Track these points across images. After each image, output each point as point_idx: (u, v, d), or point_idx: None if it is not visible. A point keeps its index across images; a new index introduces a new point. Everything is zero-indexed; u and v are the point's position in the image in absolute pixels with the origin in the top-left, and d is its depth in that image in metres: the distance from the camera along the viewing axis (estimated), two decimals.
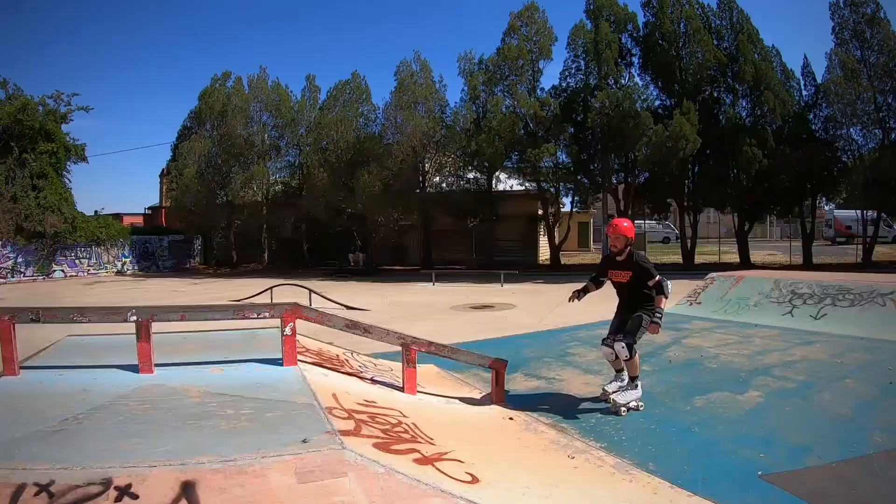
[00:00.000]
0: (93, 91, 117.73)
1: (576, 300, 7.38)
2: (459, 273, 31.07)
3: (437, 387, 7.24)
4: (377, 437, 4.58)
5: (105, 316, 5.69)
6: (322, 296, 18.63)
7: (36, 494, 3.44)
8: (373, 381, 6.64)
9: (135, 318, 5.52)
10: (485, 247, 37.85)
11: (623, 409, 6.72)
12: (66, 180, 37.21)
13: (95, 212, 42.93)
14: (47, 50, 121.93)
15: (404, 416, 5.43)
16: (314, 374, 5.89)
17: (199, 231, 43.84)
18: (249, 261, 41.29)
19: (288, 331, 5.88)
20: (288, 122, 39.37)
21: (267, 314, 6.05)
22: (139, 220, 52.23)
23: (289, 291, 19.03)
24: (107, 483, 3.51)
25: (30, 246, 33.89)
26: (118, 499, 3.45)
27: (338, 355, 7.42)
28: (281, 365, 5.86)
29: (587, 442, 5.73)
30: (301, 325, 6.15)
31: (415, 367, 6.58)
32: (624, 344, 6.70)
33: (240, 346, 6.75)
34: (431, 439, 4.95)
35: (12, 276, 33.48)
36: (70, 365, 5.80)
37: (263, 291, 19.77)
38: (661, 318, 6.86)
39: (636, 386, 6.96)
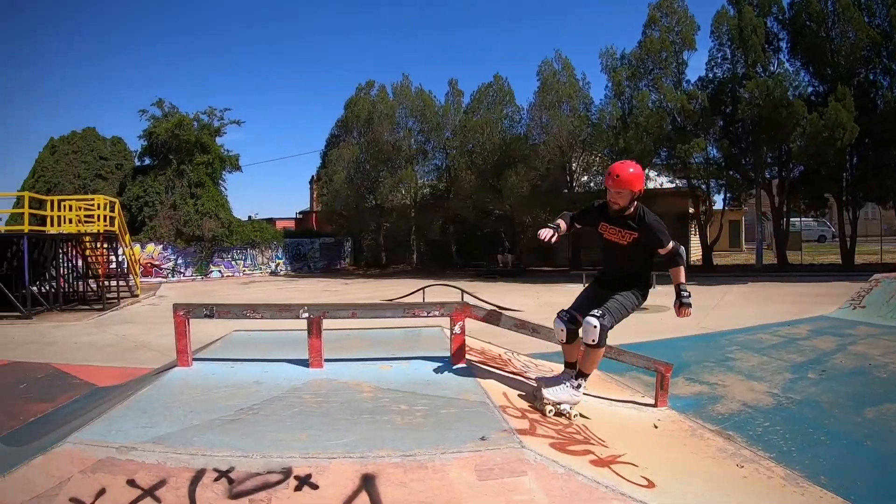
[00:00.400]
0: (244, 106, 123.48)
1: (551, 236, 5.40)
2: None
3: (599, 389, 6.99)
4: (552, 437, 4.42)
5: (277, 312, 5.77)
6: (474, 296, 18.53)
7: (216, 480, 3.52)
8: (536, 380, 6.49)
9: (307, 314, 5.56)
10: None
11: (550, 407, 5.16)
12: (222, 188, 39.70)
13: (249, 217, 45.08)
14: (202, 71, 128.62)
15: (573, 416, 5.26)
16: (481, 372, 5.78)
17: (349, 233, 45.26)
18: (398, 262, 42.11)
19: (457, 329, 5.78)
20: (433, 127, 39.76)
21: (437, 312, 5.97)
22: (291, 224, 54.15)
23: (439, 292, 19.10)
24: (287, 472, 3.55)
25: (189, 248, 36.41)
26: (298, 488, 3.47)
27: (500, 354, 7.29)
28: (449, 363, 5.77)
29: (755, 451, 5.37)
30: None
31: None
32: (599, 324, 4.98)
33: (403, 344, 6.74)
34: (603, 441, 4.74)
35: (173, 276, 35.95)
36: (240, 358, 5.98)
37: (415, 291, 19.86)
38: (689, 298, 5.26)
39: (578, 387, 5.33)
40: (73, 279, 24.38)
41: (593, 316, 5.01)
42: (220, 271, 38.26)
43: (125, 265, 25.91)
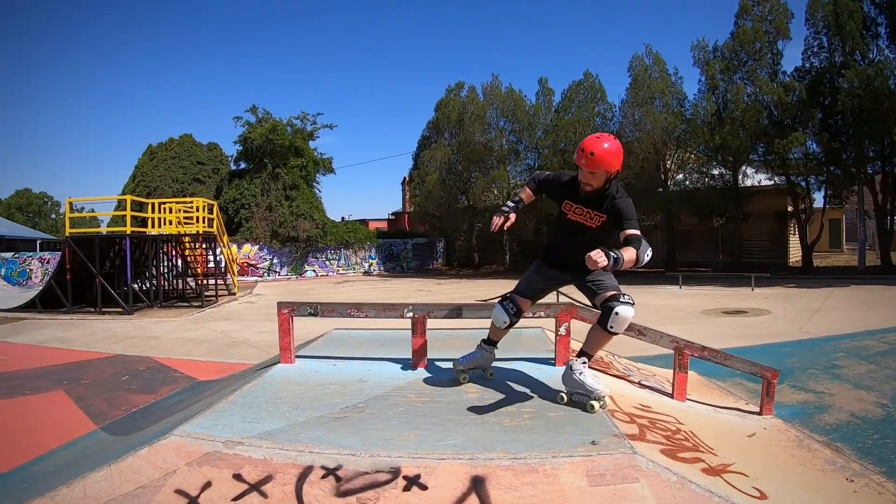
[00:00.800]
0: (336, 110, 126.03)
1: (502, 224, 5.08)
2: (706, 276, 29.59)
3: (701, 394, 6.76)
4: (662, 444, 4.25)
5: (381, 311, 5.78)
6: (569, 297, 18.24)
7: (323, 477, 3.49)
8: (641, 384, 6.27)
9: (411, 314, 5.56)
10: (731, 247, 35.52)
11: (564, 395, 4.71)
12: (316, 190, 40.35)
13: (343, 218, 45.59)
14: (294, 76, 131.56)
15: (680, 423, 5.04)
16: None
17: (441, 234, 45.40)
18: (490, 262, 42.08)
19: (563, 331, 5.66)
20: (525, 126, 39.24)
21: (542, 313, 5.83)
22: (383, 225, 54.82)
23: None
24: (395, 472, 3.49)
25: (284, 249, 37.17)
26: (406, 488, 3.41)
27: (602, 357, 7.10)
28: (553, 364, 5.68)
29: (865, 465, 5.02)
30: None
31: (686, 373, 6.13)
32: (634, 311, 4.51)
33: (505, 345, 6.60)
34: (712, 449, 4.54)
35: (268, 275, 36.83)
36: (342, 356, 6.00)
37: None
38: (619, 263, 4.05)
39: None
40: (173, 277, 25.31)
41: (630, 303, 4.51)
42: (314, 271, 39.00)
43: (223, 264, 26.61)
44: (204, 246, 24.38)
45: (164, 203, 23.42)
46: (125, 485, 3.79)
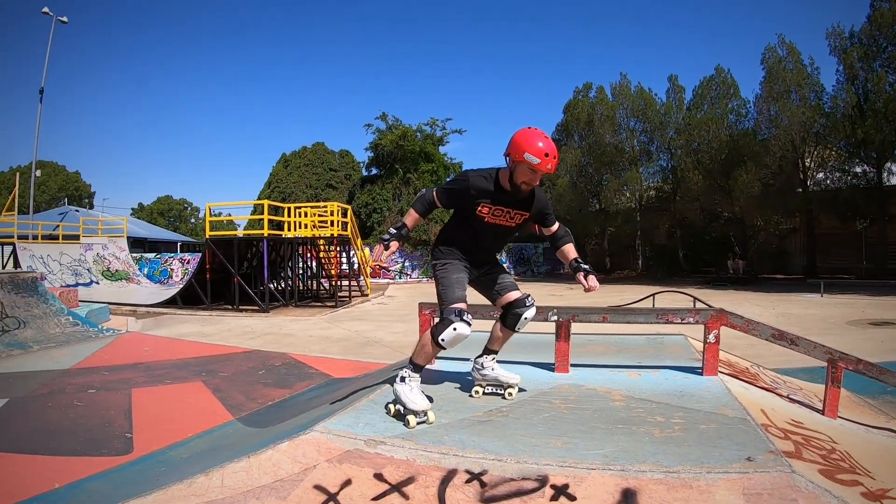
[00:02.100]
0: (465, 115, 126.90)
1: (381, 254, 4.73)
2: (849, 283, 28.00)
3: (852, 412, 6.27)
4: (819, 463, 3.91)
5: None
6: (706, 304, 17.63)
7: (467, 482, 3.39)
8: (790, 399, 5.87)
9: (555, 317, 5.43)
10: (875, 252, 33.02)
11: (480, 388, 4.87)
12: None
13: None
14: (423, 83, 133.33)
15: (834, 442, 4.66)
16: (735, 386, 5.31)
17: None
18: (622, 267, 41.30)
19: (712, 338, 5.35)
20: (656, 126, 38.34)
21: (691, 319, 5.55)
22: None
23: (669, 299, 18.31)
24: (542, 480, 3.32)
25: (416, 252, 37.48)
26: (554, 497, 3.24)
27: (747, 368, 6.77)
28: (700, 374, 5.39)
29: None
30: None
31: (839, 388, 5.68)
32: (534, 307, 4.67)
33: (647, 352, 6.43)
34: (869, 472, 4.16)
35: (399, 277, 37.52)
36: None
37: (644, 298, 19.12)
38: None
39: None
40: (307, 278, 25.95)
41: (534, 305, 4.74)
42: None
43: (356, 266, 27.03)
44: (338, 248, 24.87)
45: (300, 207, 24.03)
46: (263, 477, 3.81)
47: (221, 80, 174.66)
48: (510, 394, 4.74)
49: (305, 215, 24.06)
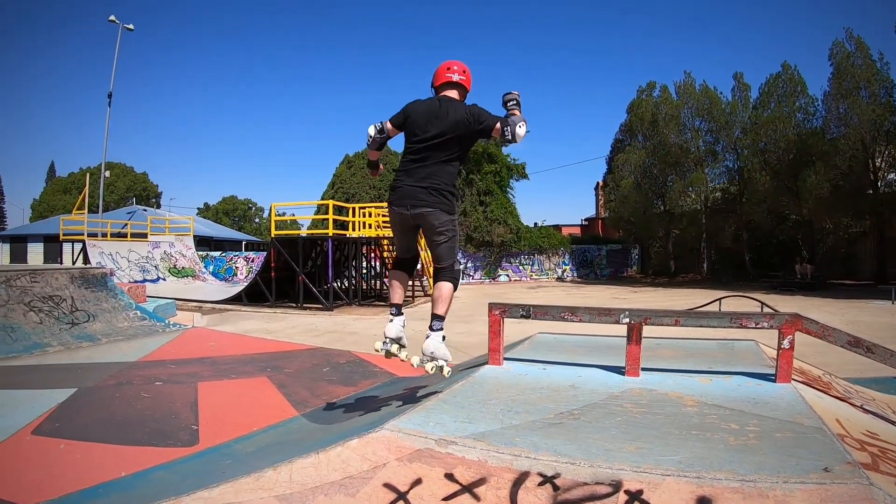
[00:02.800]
0: (528, 115, 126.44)
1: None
2: None
3: None
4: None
5: (596, 316, 5.54)
6: (773, 309, 17.25)
7: (540, 484, 3.33)
8: (863, 409, 5.68)
9: (627, 320, 5.30)
10: None
11: (431, 364, 5.20)
12: (510, 196, 40.28)
13: (535, 223, 45.51)
14: (486, 82, 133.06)
15: None
16: (810, 394, 5.14)
17: (636, 240, 44.35)
18: (687, 271, 40.58)
19: (786, 344, 5.17)
20: (722, 126, 37.59)
21: (765, 324, 5.39)
22: (576, 231, 54.57)
23: (735, 303, 17.95)
24: (616, 485, 3.25)
25: (478, 253, 37.36)
26: (628, 503, 3.17)
27: (819, 376, 6.57)
28: (773, 381, 5.22)
29: None
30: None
31: None
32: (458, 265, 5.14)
33: (717, 357, 6.29)
34: None
35: (462, 278, 36.91)
36: (550, 360, 5.82)
37: (710, 303, 18.76)
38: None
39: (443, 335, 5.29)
40: (370, 278, 26.03)
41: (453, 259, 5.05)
42: (507, 275, 39.31)
43: (419, 267, 27.08)
44: None
45: (364, 207, 24.18)
46: (332, 474, 3.82)
47: (285, 82, 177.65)
48: (441, 369, 5.17)
49: (370, 215, 24.21)
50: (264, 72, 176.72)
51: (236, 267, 38.89)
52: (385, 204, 20.72)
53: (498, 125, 4.76)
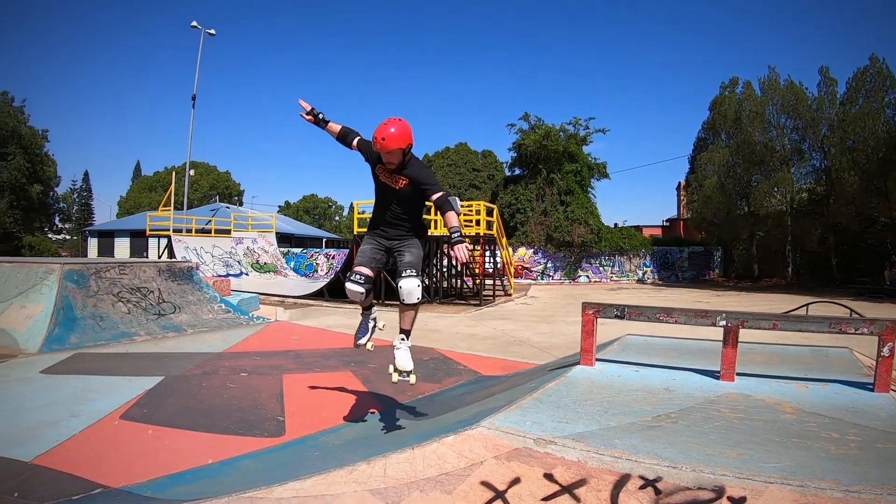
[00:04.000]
0: (609, 114, 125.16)
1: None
2: None
3: None
4: None
5: (692, 318, 5.45)
6: (861, 316, 16.52)
7: (641, 488, 3.31)
8: None
9: (724, 322, 5.18)
10: None
11: (399, 376, 5.65)
12: (590, 195, 39.75)
13: (616, 224, 44.93)
14: (564, 82, 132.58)
15: None
16: None
17: (719, 242, 43.21)
18: (771, 275, 39.36)
19: (886, 351, 4.99)
20: (808, 123, 36.17)
21: (865, 329, 5.20)
22: (657, 232, 53.54)
23: (822, 310, 17.33)
24: (719, 491, 3.21)
25: (558, 253, 37.03)
26: None
27: None
28: (871, 389, 5.05)
29: None
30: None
31: None
32: (420, 283, 5.30)
33: (811, 364, 6.11)
34: None
35: (542, 279, 37.16)
36: (641, 362, 5.76)
37: (798, 308, 18.18)
38: (461, 237, 5.03)
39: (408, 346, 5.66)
40: (451, 276, 26.00)
41: (411, 276, 5.26)
42: (587, 276, 38.77)
43: (500, 266, 27.06)
44: (483, 247, 25.00)
45: None
46: (428, 470, 3.85)
47: (364, 82, 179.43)
48: (407, 378, 5.67)
49: None
50: (342, 72, 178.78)
51: (317, 263, 39.44)
52: (465, 203, 20.60)
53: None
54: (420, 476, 3.77)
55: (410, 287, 5.28)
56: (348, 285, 5.40)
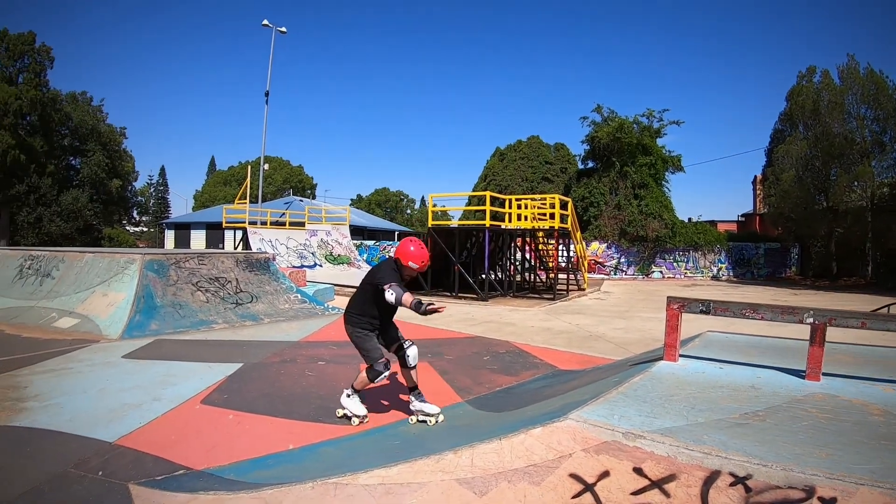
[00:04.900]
0: (682, 105, 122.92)
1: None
2: None
3: None
4: None
5: (779, 314, 5.31)
6: None
7: (731, 485, 3.29)
8: None
9: (811, 319, 5.07)
10: None
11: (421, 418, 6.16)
12: (665, 189, 38.91)
13: (689, 218, 44.05)
14: (637, 73, 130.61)
15: None
16: None
17: (796, 239, 41.82)
18: (850, 273, 37.92)
19: None
20: (889, 114, 34.45)
21: None
22: (732, 227, 52.22)
23: None
24: (809, 491, 3.18)
25: (632, 248, 36.45)
26: None
27: None
28: None
29: None
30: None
31: None
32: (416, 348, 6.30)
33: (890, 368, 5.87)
34: None
35: (615, 274, 36.60)
36: (724, 359, 5.68)
37: (880, 308, 17.60)
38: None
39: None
40: (524, 270, 26.00)
41: (412, 346, 6.22)
42: (661, 272, 38.01)
43: (574, 260, 26.88)
44: (557, 241, 24.90)
45: (521, 199, 24.09)
46: (516, 461, 3.89)
47: (435, 74, 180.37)
48: (434, 421, 6.04)
49: (525, 207, 24.09)
50: (415, 68, 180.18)
51: (389, 255, 39.63)
52: (539, 196, 20.56)
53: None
54: (508, 467, 3.81)
55: (414, 353, 6.18)
56: (380, 370, 6.04)
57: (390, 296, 5.69)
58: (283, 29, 38.12)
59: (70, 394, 6.76)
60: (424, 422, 6.00)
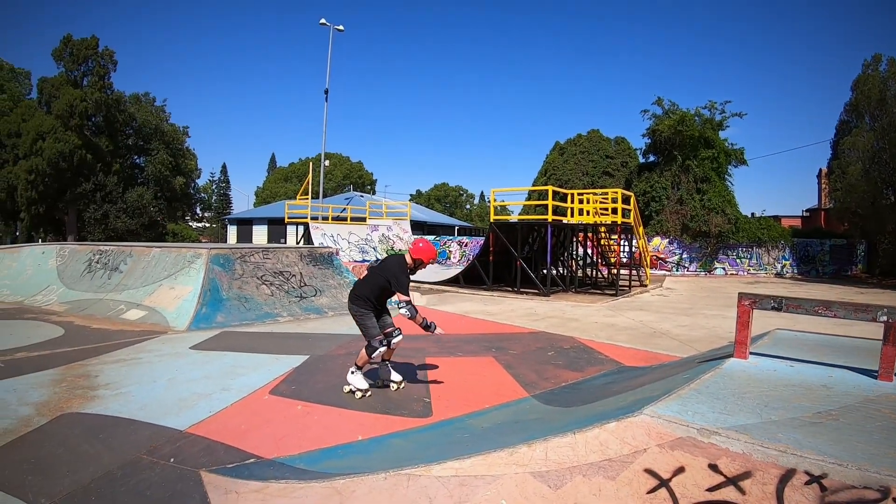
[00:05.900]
0: (744, 97, 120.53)
1: None
2: None
3: None
4: None
5: (852, 312, 5.21)
6: None
7: (807, 483, 3.27)
8: None
9: (885, 318, 4.95)
10: None
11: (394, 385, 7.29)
12: (728, 183, 38.16)
13: (753, 213, 43.11)
14: (698, 65, 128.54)
15: None
16: None
17: (862, 235, 40.53)
18: None
19: None
20: None
21: None
22: (796, 223, 51.01)
23: None
24: (885, 491, 3.15)
25: (694, 244, 35.83)
26: None
27: None
28: None
29: None
30: None
31: None
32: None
33: None
34: None
35: (676, 270, 35.97)
36: (794, 357, 5.59)
37: None
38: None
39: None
40: (585, 266, 25.91)
41: (399, 336, 7.08)
42: (723, 268, 37.22)
43: (636, 255, 26.64)
44: (619, 236, 24.72)
45: (583, 194, 23.93)
46: (590, 455, 3.94)
47: (493, 71, 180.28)
48: (392, 385, 7.24)
49: (588, 202, 23.91)
50: (470, 63, 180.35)
51: (450, 250, 39.81)
52: (601, 190, 20.53)
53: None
54: (582, 461, 3.84)
55: (399, 340, 7.12)
56: (376, 346, 6.92)
57: (405, 312, 6.79)
58: (341, 27, 38.44)
59: (140, 383, 7.08)
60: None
